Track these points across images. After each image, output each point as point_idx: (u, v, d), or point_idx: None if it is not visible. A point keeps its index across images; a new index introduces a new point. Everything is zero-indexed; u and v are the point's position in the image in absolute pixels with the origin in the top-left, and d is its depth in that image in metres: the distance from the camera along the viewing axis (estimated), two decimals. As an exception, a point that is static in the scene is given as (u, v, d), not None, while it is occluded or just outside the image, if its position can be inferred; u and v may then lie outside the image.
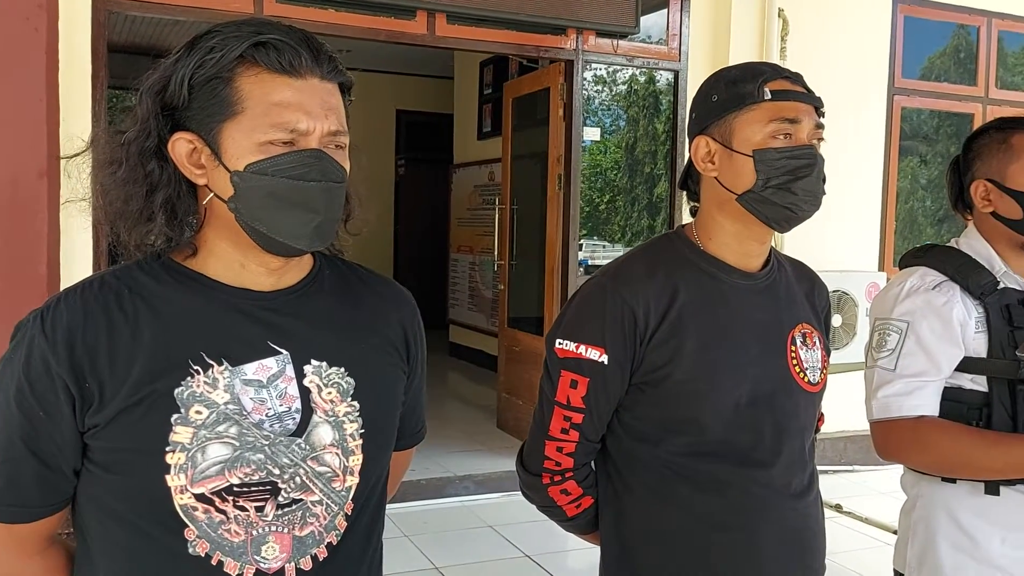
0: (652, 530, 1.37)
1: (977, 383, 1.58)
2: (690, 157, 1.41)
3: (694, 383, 1.32)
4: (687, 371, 1.32)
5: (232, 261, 1.09)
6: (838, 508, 4.75)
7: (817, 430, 1.57)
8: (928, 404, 1.58)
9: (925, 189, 6.10)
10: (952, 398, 1.59)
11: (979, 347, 1.58)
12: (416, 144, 9.96)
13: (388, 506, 1.21)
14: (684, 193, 1.49)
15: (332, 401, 1.09)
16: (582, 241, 5.08)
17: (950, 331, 1.58)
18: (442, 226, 9.12)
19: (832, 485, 5.24)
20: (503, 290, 5.85)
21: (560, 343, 1.37)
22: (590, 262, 5.15)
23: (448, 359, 8.48)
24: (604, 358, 1.33)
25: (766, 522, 1.35)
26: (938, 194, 6.03)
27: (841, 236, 5.61)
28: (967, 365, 1.58)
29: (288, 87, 1.02)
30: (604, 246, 5.22)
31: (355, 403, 1.11)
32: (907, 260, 1.73)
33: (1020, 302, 1.59)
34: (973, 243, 1.69)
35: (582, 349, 1.34)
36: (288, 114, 1.02)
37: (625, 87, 5.14)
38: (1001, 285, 1.61)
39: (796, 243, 5.40)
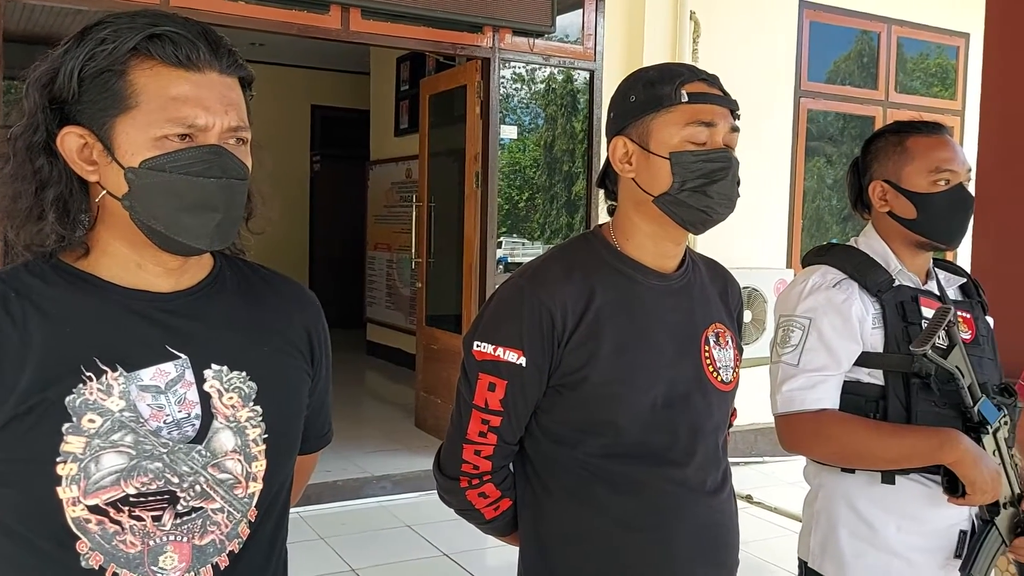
0: (570, 531, 1.38)
1: (874, 377, 1.63)
2: (608, 157, 1.42)
3: (611, 385, 1.33)
4: (604, 373, 1.32)
5: (127, 261, 1.04)
6: (748, 499, 4.87)
7: (730, 426, 1.60)
8: (829, 397, 1.63)
9: (831, 189, 6.31)
10: (851, 391, 1.64)
11: (876, 342, 1.63)
12: (332, 140, 9.81)
13: (304, 508, 1.18)
14: (601, 192, 1.49)
15: (234, 406, 1.06)
16: (501, 239, 5.09)
17: (849, 327, 1.63)
18: (359, 224, 9.01)
19: (743, 476, 5.38)
20: (421, 288, 5.82)
21: (478, 345, 1.36)
22: (509, 260, 5.16)
23: (366, 358, 8.39)
24: (522, 360, 1.33)
25: (681, 521, 1.37)
26: (843, 194, 6.20)
27: (751, 234, 5.76)
28: (865, 360, 1.64)
29: (185, 81, 0.99)
30: (523, 244, 5.23)
31: (257, 408, 1.08)
32: (809, 259, 1.78)
33: (913, 299, 1.65)
34: (871, 242, 1.74)
35: (500, 351, 1.33)
36: (186, 109, 0.98)
37: (543, 86, 5.17)
38: (896, 283, 1.66)
39: (707, 240, 5.51)
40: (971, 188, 1.73)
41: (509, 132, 5.04)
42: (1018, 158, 3.27)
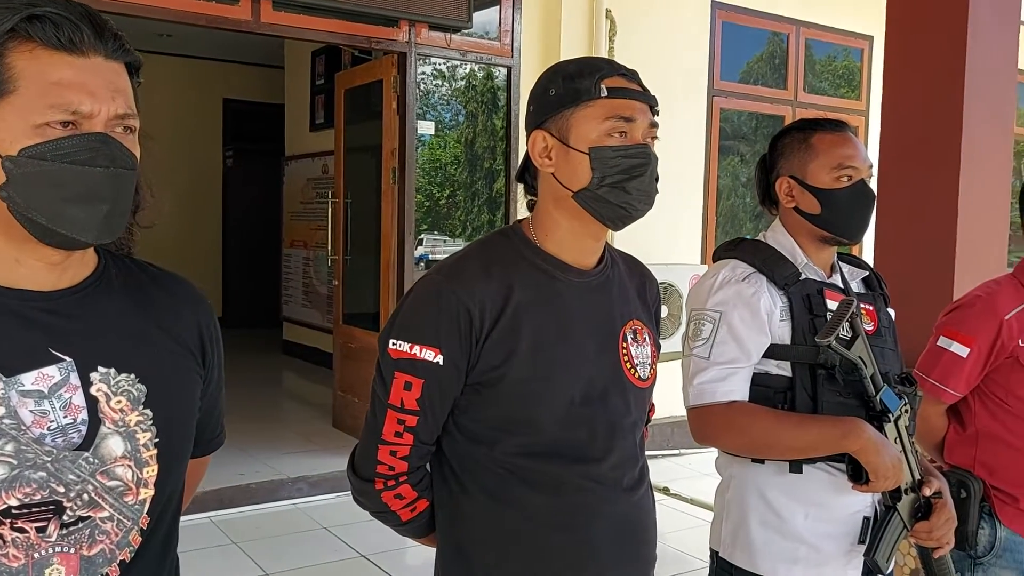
0: (488, 531, 1.36)
1: (782, 368, 1.66)
2: (527, 151, 1.40)
3: (529, 383, 1.31)
4: (522, 371, 1.31)
5: (4, 257, 0.98)
6: (665, 491, 4.95)
7: (648, 422, 1.61)
8: (739, 389, 1.65)
9: (745, 187, 6.46)
10: (760, 383, 1.67)
11: (784, 334, 1.66)
12: (245, 135, 9.57)
13: (216, 513, 1.13)
14: (521, 187, 1.47)
15: (122, 410, 1.01)
16: (422, 236, 5.05)
17: (758, 320, 1.65)
18: (274, 220, 8.83)
19: (660, 469, 5.46)
20: (337, 286, 5.73)
21: (393, 344, 1.32)
22: (431, 257, 5.12)
23: (282, 358, 8.22)
24: (439, 359, 1.30)
25: (600, 518, 1.36)
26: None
27: (667, 230, 5.85)
28: (773, 352, 1.66)
29: (68, 65, 0.93)
30: (445, 241, 5.20)
31: (147, 411, 1.03)
32: (719, 253, 1.81)
33: (819, 292, 1.68)
34: (778, 237, 1.78)
35: (416, 349, 1.30)
36: (69, 94, 0.93)
37: (464, 82, 5.14)
38: (803, 276, 1.70)
39: (625, 236, 5.58)
40: (873, 185, 1.78)
41: (427, 128, 5.00)
42: (916, 156, 3.40)
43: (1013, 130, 3.61)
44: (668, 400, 2.28)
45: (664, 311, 5.63)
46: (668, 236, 5.86)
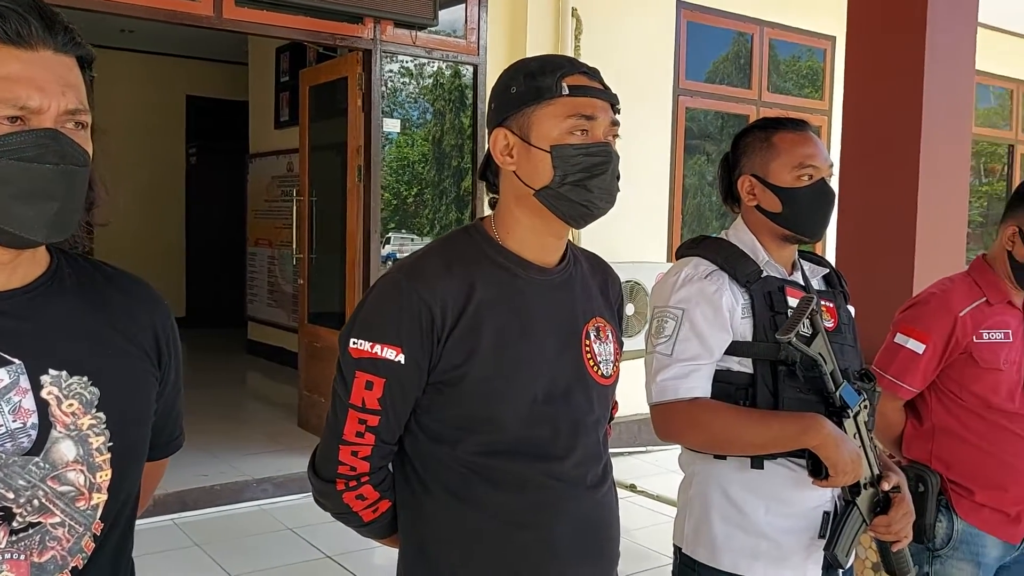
0: (451, 531, 1.35)
1: (744, 365, 1.68)
2: (489, 149, 1.39)
3: (491, 381, 1.31)
4: (484, 369, 1.30)
5: None
6: (632, 488, 4.98)
7: (611, 419, 1.61)
8: (702, 386, 1.66)
9: (711, 185, 6.51)
10: (722, 379, 1.68)
11: (745, 331, 1.68)
12: (209, 132, 9.45)
13: (179, 515, 1.11)
14: (483, 184, 1.47)
15: (74, 413, 0.98)
16: (390, 235, 5.02)
17: (720, 317, 1.66)
18: (238, 218, 8.73)
19: (627, 466, 5.49)
20: (303, 285, 5.68)
21: (354, 343, 1.31)
22: (398, 255, 5.10)
23: (246, 357, 8.14)
24: (401, 357, 1.29)
25: (563, 515, 1.36)
26: (719, 189, 6.47)
27: (633, 229, 5.88)
28: (735, 348, 1.68)
29: (16, 59, 0.91)
30: (413, 239, 5.18)
31: (101, 414, 1.00)
32: (682, 251, 1.82)
33: (780, 289, 1.70)
34: (740, 234, 1.79)
35: (378, 348, 1.29)
36: (17, 89, 0.90)
37: (431, 80, 5.12)
38: (764, 274, 1.71)
39: (591, 235, 5.61)
40: (834, 184, 1.80)
41: (392, 126, 4.97)
42: (876, 156, 3.44)
43: (971, 130, 3.67)
44: (635, 397, 2.29)
45: (631, 309, 5.65)
46: (634, 234, 5.89)
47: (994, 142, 8.72)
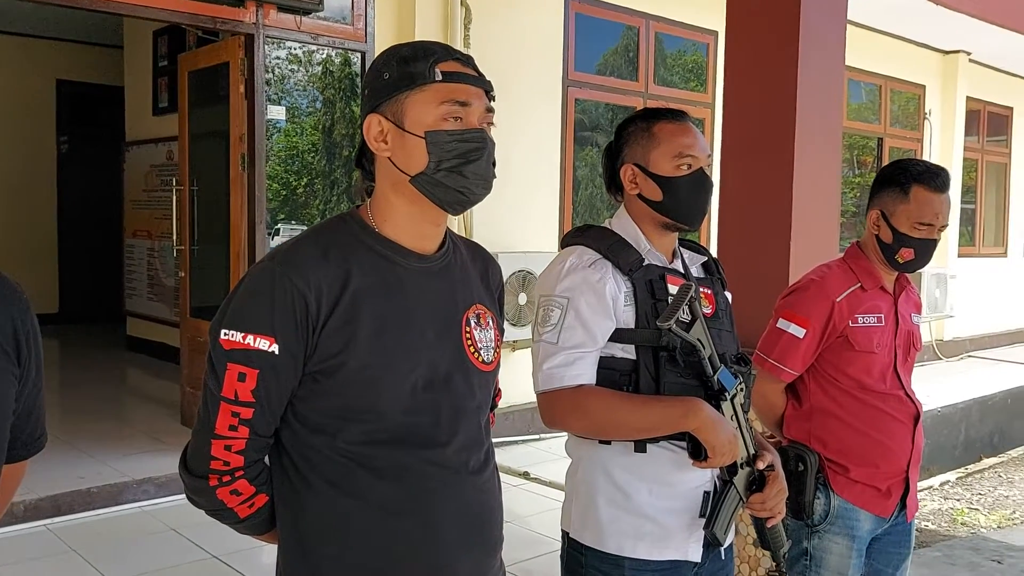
0: (332, 523, 1.33)
1: (627, 351, 1.71)
2: (362, 135, 1.37)
3: (370, 370, 1.29)
4: (362, 358, 1.28)
5: None
6: (526, 475, 5.02)
7: (495, 406, 1.61)
8: (587, 374, 1.68)
9: (603, 176, 6.61)
10: (606, 366, 1.71)
11: (628, 319, 1.71)
12: (82, 119, 9.00)
13: (52, 520, 1.05)
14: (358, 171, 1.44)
15: None
16: (280, 226, 4.89)
17: (604, 305, 1.69)
18: (115, 209, 8.35)
19: (522, 454, 5.54)
20: (184, 278, 5.48)
21: (225, 334, 1.27)
22: (289, 247, 4.97)
23: (126, 354, 7.81)
24: (274, 348, 1.26)
25: (446, 502, 1.36)
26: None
27: (525, 219, 5.92)
28: (618, 335, 1.70)
29: None
30: (303, 231, 5.06)
31: None
32: (567, 240, 1.83)
33: (661, 277, 1.74)
34: (623, 223, 1.82)
35: (250, 339, 1.26)
36: None
37: (321, 68, 5.00)
38: (646, 262, 1.75)
39: (482, 225, 5.63)
40: (716, 174, 1.85)
41: (277, 113, 4.84)
42: (754, 148, 3.57)
43: (842, 123, 3.85)
44: (529, 385, 2.31)
45: (523, 299, 5.69)
46: (526, 225, 5.93)
47: (865, 135, 9.18)
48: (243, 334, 1.26)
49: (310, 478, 1.33)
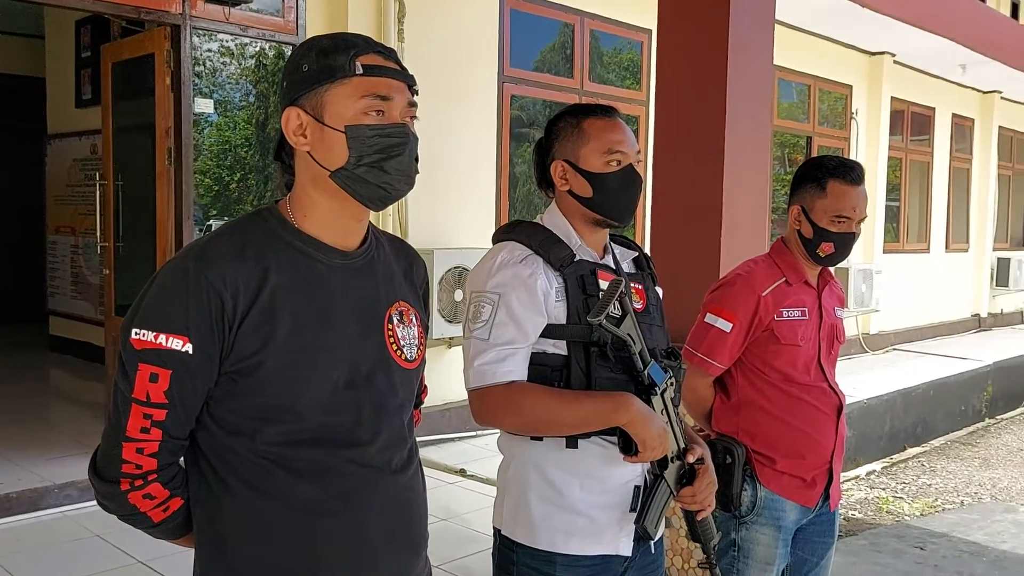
0: (251, 526, 1.29)
1: (558, 347, 1.70)
2: (280, 128, 1.34)
3: (289, 369, 1.26)
4: (281, 357, 1.25)
5: None
6: (462, 472, 5.00)
7: (420, 403, 1.59)
8: (518, 370, 1.68)
9: (534, 172, 6.62)
10: (538, 362, 1.70)
11: (560, 314, 1.70)
12: (1, 111, 8.66)
13: None
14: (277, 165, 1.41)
15: None
16: (212, 222, 4.77)
17: (535, 301, 1.68)
18: (37, 204, 8.07)
19: (459, 451, 5.52)
20: (108, 275, 5.31)
21: (137, 333, 1.23)
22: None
23: (49, 354, 7.57)
24: (188, 347, 1.22)
25: (369, 501, 1.34)
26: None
27: (462, 215, 5.89)
28: (550, 331, 1.70)
29: None
30: (219, 226, 4.94)
31: None
32: (498, 236, 1.82)
33: (592, 272, 1.74)
34: (554, 219, 1.81)
35: (162, 339, 1.22)
36: None
37: (253, 61, 4.89)
38: (577, 257, 1.74)
39: (420, 222, 5.58)
40: (645, 171, 1.85)
41: (206, 106, 4.72)
42: (686, 146, 3.61)
43: (771, 122, 3.93)
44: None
45: (460, 295, 5.67)
46: (463, 221, 5.90)
47: (796, 134, 9.38)
48: (155, 333, 1.22)
49: (228, 480, 1.29)
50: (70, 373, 7.01)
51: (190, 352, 1.22)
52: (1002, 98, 12.29)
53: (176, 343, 1.22)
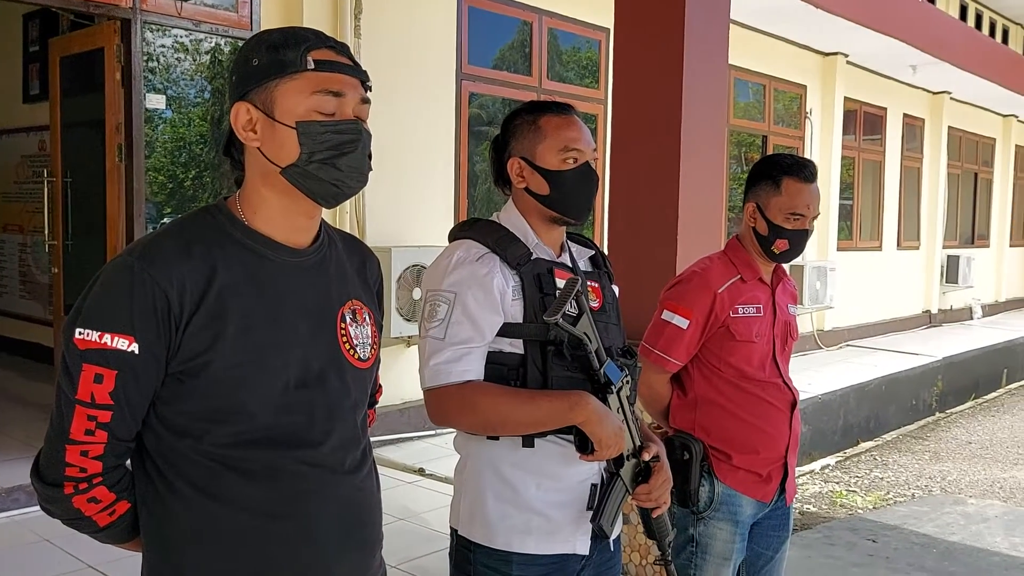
0: (200, 529, 1.27)
1: (515, 346, 1.69)
2: (230, 123, 1.31)
3: (238, 369, 1.23)
4: (230, 357, 1.23)
5: None
6: (421, 472, 4.98)
7: (375, 403, 1.57)
8: (474, 369, 1.66)
9: (490, 170, 6.60)
10: (494, 361, 1.69)
11: (516, 313, 1.69)
12: (-56, 105, 8.41)
13: None
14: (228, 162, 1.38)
15: None
16: (166, 219, 4.69)
17: (491, 300, 1.67)
18: (-17, 202, 7.85)
19: (417, 450, 5.49)
20: (57, 274, 5.20)
21: (80, 333, 1.20)
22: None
23: (-3, 355, 7.36)
24: (134, 347, 1.19)
25: (322, 502, 1.32)
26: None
27: (420, 213, 5.86)
28: (506, 330, 1.69)
29: None
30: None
31: None
32: (454, 233, 1.81)
33: (549, 271, 1.73)
34: (511, 217, 1.80)
35: (107, 338, 1.19)
36: None
37: (208, 57, 4.81)
38: (534, 256, 1.74)
39: (378, 219, 5.54)
40: (603, 169, 1.85)
41: (157, 102, 4.64)
42: (642, 144, 3.63)
43: (727, 120, 3.96)
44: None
45: (418, 293, 5.64)
46: (421, 218, 5.87)
47: (752, 133, 9.49)
48: (99, 333, 1.19)
49: (175, 483, 1.26)
50: (18, 374, 6.83)
51: (136, 352, 1.20)
52: (951, 99, 12.56)
53: (121, 343, 1.19)
